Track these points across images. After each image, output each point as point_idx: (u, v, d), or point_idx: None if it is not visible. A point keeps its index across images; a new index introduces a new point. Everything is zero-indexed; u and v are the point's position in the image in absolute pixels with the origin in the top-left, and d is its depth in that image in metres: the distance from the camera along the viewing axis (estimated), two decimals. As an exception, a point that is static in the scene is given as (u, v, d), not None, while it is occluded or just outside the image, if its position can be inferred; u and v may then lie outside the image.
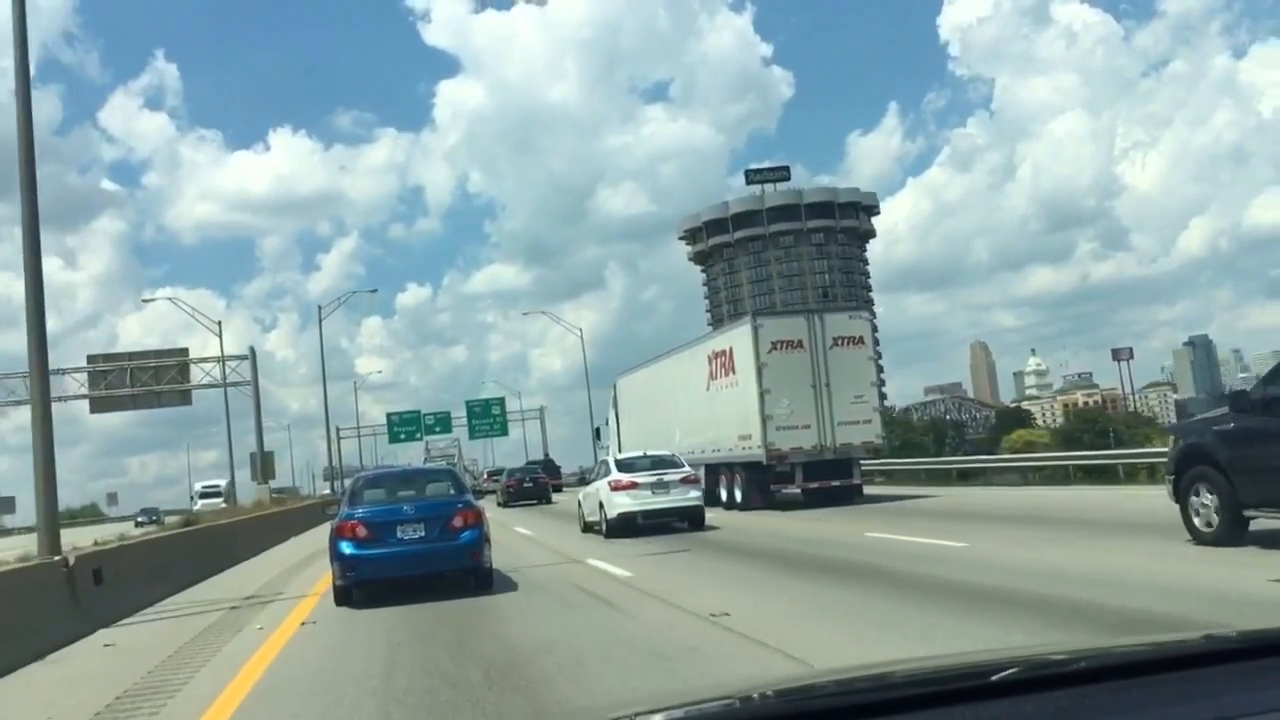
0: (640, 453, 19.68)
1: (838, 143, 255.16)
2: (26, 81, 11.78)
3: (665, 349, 28.90)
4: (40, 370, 11.63)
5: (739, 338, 20.83)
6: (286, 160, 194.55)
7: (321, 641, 8.26)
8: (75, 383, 41.48)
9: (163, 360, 43.41)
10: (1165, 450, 13.13)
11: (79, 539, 16.38)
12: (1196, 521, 9.33)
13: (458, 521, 10.24)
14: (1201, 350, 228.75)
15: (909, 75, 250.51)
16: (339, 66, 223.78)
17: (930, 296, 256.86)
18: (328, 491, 63.36)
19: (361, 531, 10.11)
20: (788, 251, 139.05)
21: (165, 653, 8.08)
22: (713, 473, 22.85)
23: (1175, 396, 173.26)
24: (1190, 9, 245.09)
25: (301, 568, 15.43)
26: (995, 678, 1.49)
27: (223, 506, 46.44)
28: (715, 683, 5.21)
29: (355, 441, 69.84)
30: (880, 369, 20.35)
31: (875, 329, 19.36)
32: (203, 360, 43.84)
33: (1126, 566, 8.63)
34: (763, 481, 20.10)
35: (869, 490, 21.77)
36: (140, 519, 60.06)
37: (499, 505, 32.42)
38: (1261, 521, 8.83)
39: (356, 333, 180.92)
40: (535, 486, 33.92)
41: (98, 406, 42.96)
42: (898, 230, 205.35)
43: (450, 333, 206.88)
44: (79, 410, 45.63)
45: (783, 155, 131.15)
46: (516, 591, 10.30)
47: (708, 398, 22.68)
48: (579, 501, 19.89)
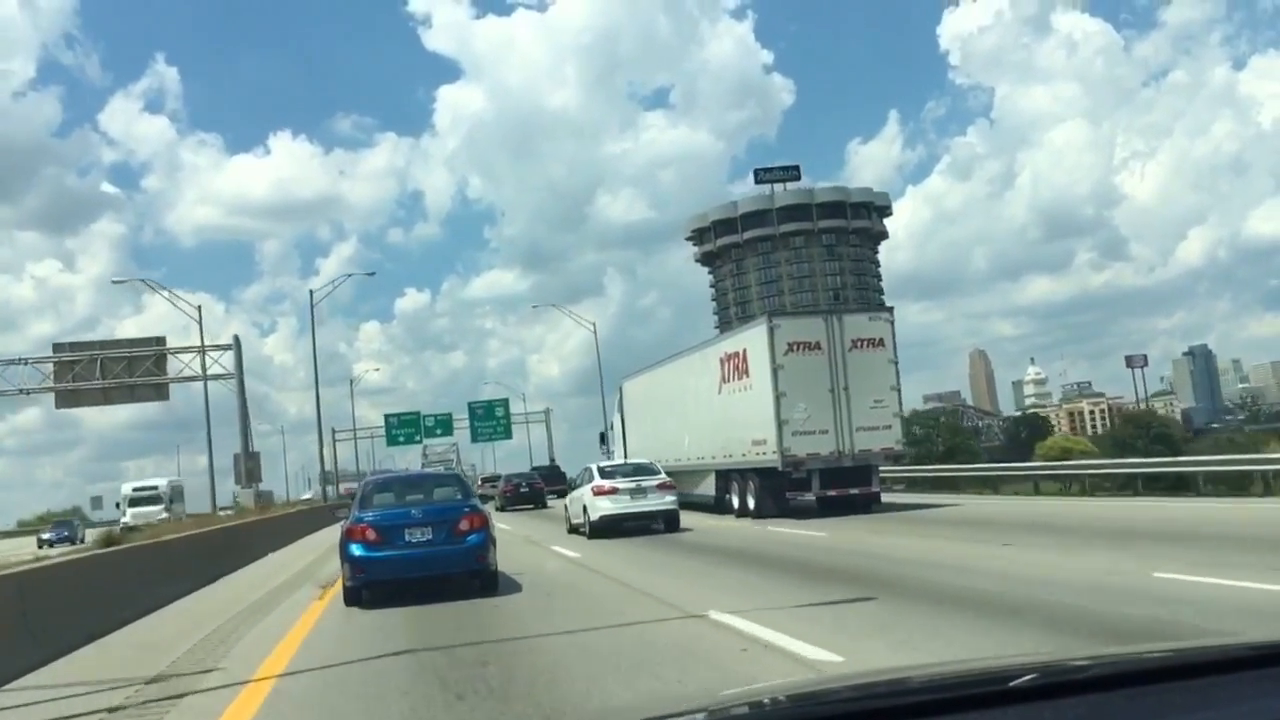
0: (622, 460, 20.77)
1: (838, 150, 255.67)
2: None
3: (664, 356, 28.80)
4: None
5: (754, 339, 20.45)
6: (286, 164, 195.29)
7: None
8: (40, 374, 37.92)
9: (137, 350, 39.36)
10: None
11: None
12: None
13: (464, 525, 10.68)
14: (1201, 360, 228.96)
15: (909, 84, 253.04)
16: (340, 71, 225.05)
17: (929, 305, 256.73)
18: (308, 496, 61.62)
19: (371, 534, 10.54)
20: (798, 252, 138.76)
21: None
22: (724, 479, 22.50)
23: (1181, 406, 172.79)
24: (1191, 19, 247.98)
25: (257, 614, 10.79)
26: (1013, 684, 1.53)
27: (162, 517, 40.03)
28: (730, 687, 4.97)
29: (352, 444, 68.53)
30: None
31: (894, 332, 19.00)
32: (181, 350, 39.86)
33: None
34: (778, 489, 19.71)
35: (887, 498, 21.30)
36: (49, 537, 49.77)
37: (496, 510, 32.55)
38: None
39: (355, 337, 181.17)
40: (531, 491, 35.34)
41: (64, 401, 38.97)
42: (897, 238, 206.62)
43: (449, 338, 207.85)
44: (84, 411, 43.97)
45: (783, 162, 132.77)
46: (520, 592, 10.78)
47: (720, 401, 22.31)
48: (565, 505, 21.33)
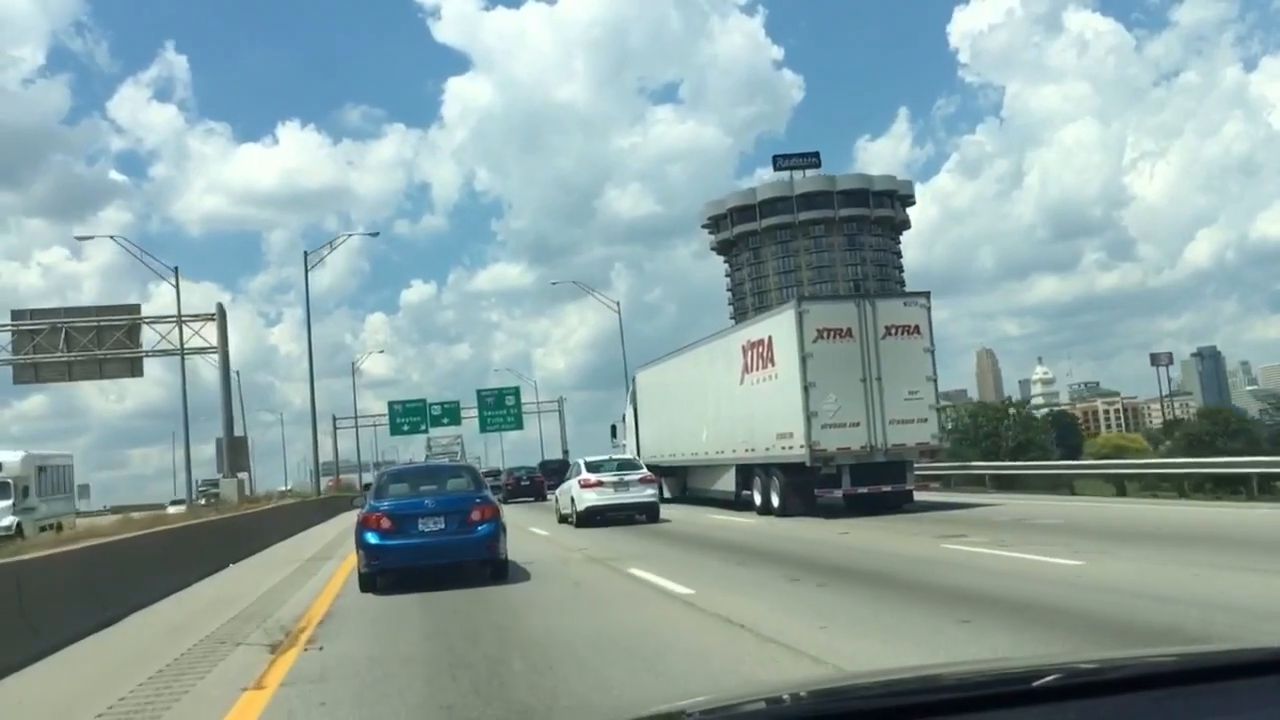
0: (607, 456, 22.81)
1: (847, 147, 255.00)
2: None
3: (669, 351, 28.31)
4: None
5: (780, 325, 19.61)
6: (295, 154, 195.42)
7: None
8: (-1, 345, 33.45)
9: (106, 318, 35.18)
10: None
11: None
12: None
13: (475, 515, 11.29)
14: (1210, 362, 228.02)
15: (919, 81, 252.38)
16: (349, 61, 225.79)
17: (936, 303, 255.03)
18: (285, 488, 58.71)
19: (385, 523, 11.11)
20: (818, 241, 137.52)
21: None
22: (745, 475, 21.71)
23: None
24: (1203, 19, 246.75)
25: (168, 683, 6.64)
26: (1036, 684, 1.58)
27: (5, 524, 25.76)
28: (753, 682, 5.49)
29: (353, 432, 66.42)
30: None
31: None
32: (158, 320, 35.56)
33: None
34: (804, 485, 18.89)
35: (919, 497, 20.41)
36: None
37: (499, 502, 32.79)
38: None
39: (360, 328, 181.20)
40: (531, 485, 38.96)
41: (22, 375, 35.41)
42: (904, 236, 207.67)
43: (455, 330, 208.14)
44: (89, 399, 42.56)
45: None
46: (528, 580, 11.52)
47: (742, 392, 21.50)
48: (556, 496, 23.66)
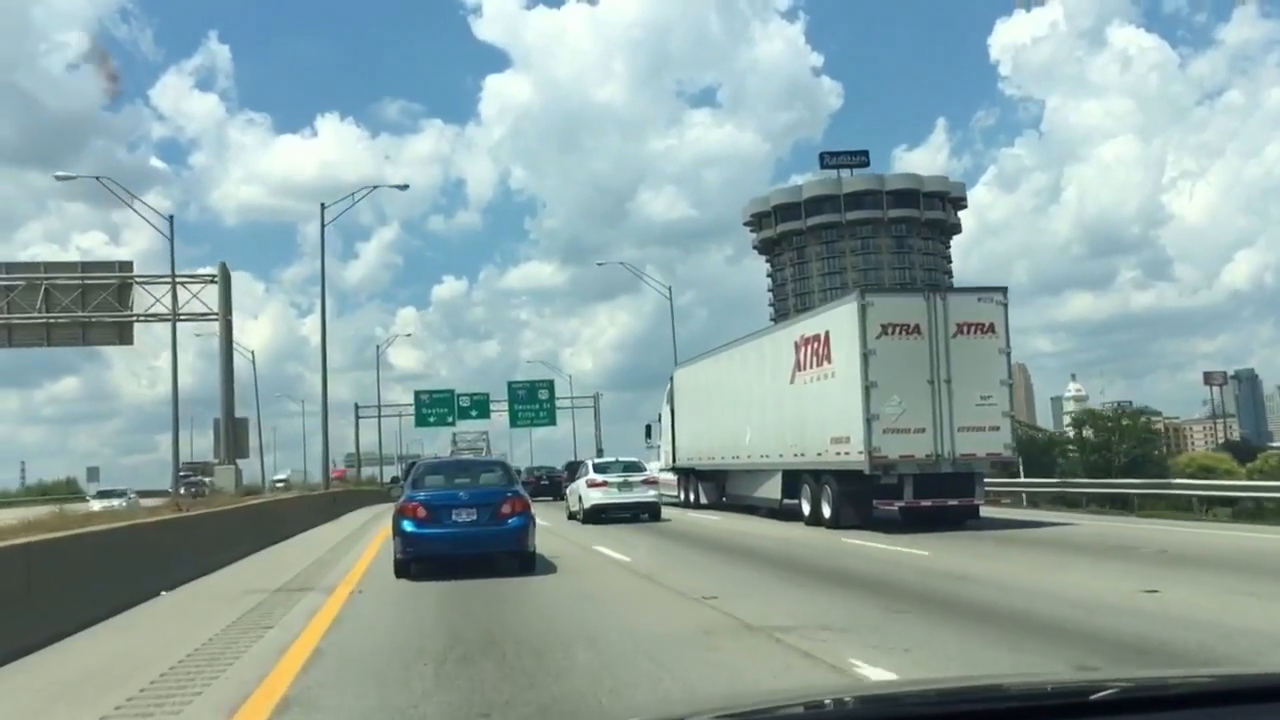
0: (614, 458, 24.64)
1: (883, 157, 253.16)
2: None
3: (704, 350, 27.06)
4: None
5: (839, 319, 18.22)
6: (333, 147, 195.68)
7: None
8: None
9: (93, 276, 31.46)
10: None
11: None
12: None
13: (506, 509, 11.95)
14: (1247, 384, 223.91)
15: (958, 92, 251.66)
16: (389, 56, 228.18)
17: None
18: (280, 477, 54.77)
19: (421, 512, 11.79)
20: (865, 243, 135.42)
21: None
22: (792, 481, 20.35)
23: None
24: (1249, 39, 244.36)
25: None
26: (1093, 697, 1.62)
27: None
28: (804, 687, 5.59)
29: (377, 423, 63.07)
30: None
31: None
32: (153, 280, 31.56)
33: None
34: (861, 495, 17.47)
35: (984, 511, 18.84)
36: None
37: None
38: None
39: (391, 322, 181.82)
40: (551, 484, 39.55)
41: None
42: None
43: (484, 327, 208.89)
44: (121, 382, 40.38)
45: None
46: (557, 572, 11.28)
47: (792, 392, 20.13)
48: (566, 495, 25.65)
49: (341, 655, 7.24)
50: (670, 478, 29.99)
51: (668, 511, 24.26)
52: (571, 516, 23.38)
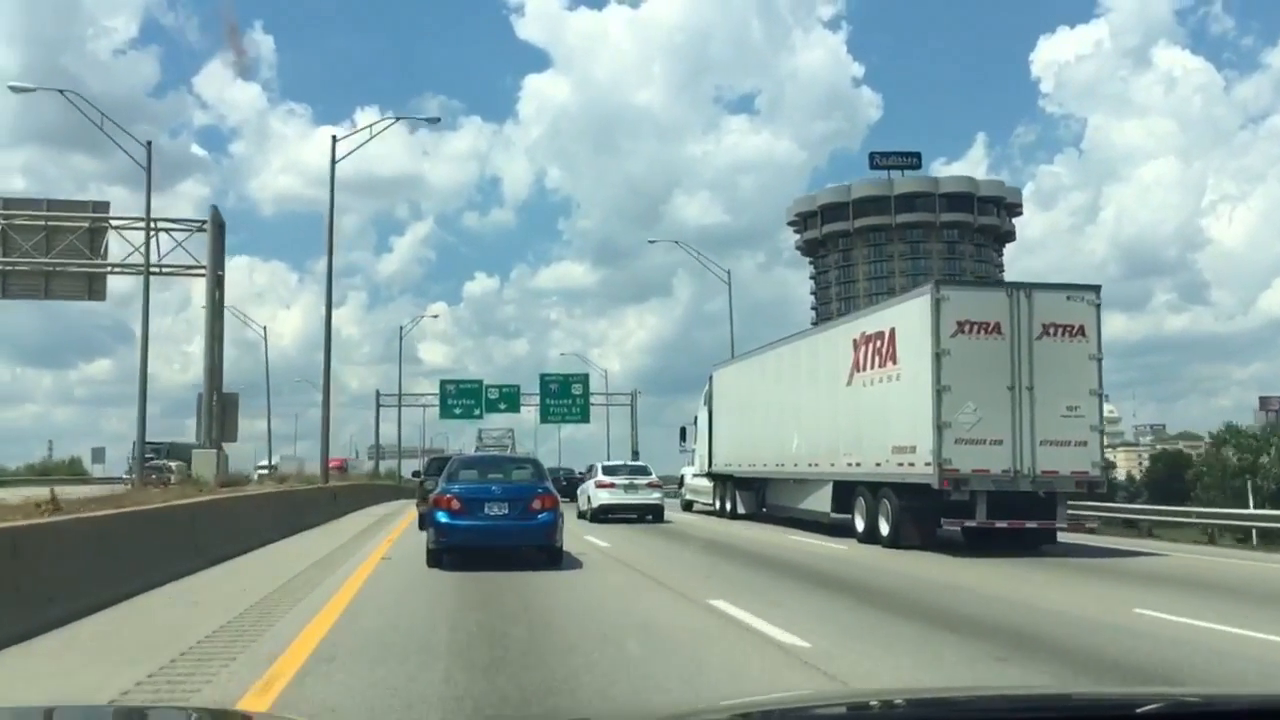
0: (622, 462, 26.78)
1: (923, 169, 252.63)
2: None
3: (742, 353, 25.77)
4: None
5: (908, 314, 16.58)
6: (371, 140, 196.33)
7: None
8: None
9: (60, 215, 27.60)
10: None
11: None
12: None
13: (536, 504, 12.69)
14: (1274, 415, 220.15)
15: (998, 108, 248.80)
16: (430, 52, 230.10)
17: None
18: (267, 465, 51.92)
19: (455, 504, 12.45)
20: (914, 247, 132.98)
21: None
22: (845, 493, 18.75)
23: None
24: None
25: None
26: (1139, 710, 1.65)
27: None
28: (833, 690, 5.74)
29: (399, 412, 60.81)
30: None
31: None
32: (129, 224, 27.42)
33: None
34: (927, 512, 15.79)
35: (1062, 538, 17.10)
36: None
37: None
38: None
39: (421, 316, 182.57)
40: (569, 486, 40.62)
41: None
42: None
43: (514, 325, 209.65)
44: (155, 367, 35.20)
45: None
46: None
47: (849, 395, 18.53)
48: (576, 494, 27.05)
49: None
50: (705, 484, 28.61)
51: (701, 520, 24.51)
52: (580, 515, 24.73)
